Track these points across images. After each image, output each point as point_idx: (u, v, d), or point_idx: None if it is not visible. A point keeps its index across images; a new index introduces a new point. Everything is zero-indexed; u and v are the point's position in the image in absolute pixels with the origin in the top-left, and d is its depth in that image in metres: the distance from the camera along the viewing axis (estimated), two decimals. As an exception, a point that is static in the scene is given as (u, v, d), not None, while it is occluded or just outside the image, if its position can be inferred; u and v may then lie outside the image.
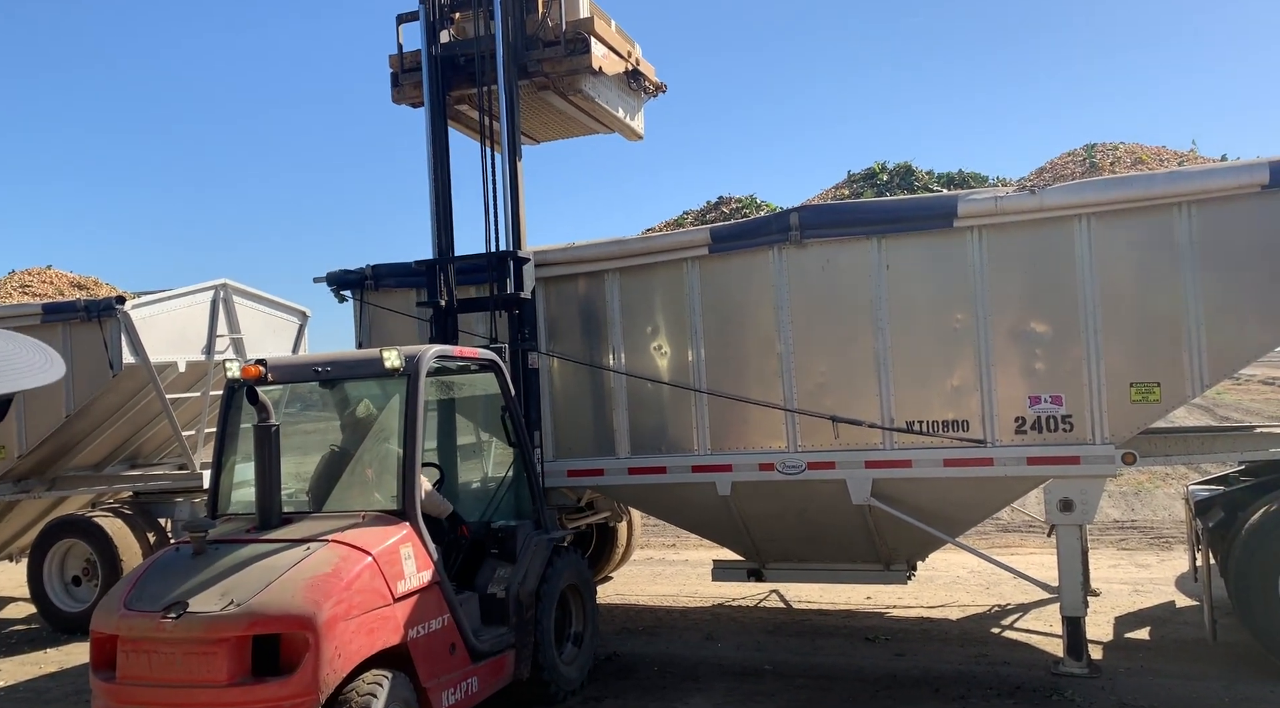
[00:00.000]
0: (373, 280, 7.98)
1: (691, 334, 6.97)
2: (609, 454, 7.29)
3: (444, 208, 7.43)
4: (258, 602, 4.35)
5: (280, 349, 10.05)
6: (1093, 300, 5.95)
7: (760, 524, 7.06)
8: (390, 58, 7.85)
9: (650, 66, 8.26)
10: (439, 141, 7.39)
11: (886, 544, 6.85)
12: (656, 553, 11.10)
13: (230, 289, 9.46)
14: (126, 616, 4.48)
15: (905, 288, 6.35)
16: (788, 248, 6.59)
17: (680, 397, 7.03)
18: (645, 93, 8.29)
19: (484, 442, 7.70)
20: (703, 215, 8.68)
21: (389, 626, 4.69)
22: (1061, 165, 7.15)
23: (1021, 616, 7.52)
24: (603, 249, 7.37)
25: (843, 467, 6.51)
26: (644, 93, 8.28)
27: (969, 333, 6.22)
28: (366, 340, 8.00)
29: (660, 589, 9.21)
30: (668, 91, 8.44)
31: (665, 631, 7.71)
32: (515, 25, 7.22)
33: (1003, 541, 10.34)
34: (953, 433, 6.28)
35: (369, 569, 4.67)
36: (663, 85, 8.40)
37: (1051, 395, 6.08)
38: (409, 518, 5.13)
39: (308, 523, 5.12)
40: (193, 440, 9.37)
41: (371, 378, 5.76)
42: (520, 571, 5.83)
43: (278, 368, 5.57)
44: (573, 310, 7.48)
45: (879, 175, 7.91)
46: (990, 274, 6.15)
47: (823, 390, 6.57)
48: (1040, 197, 5.98)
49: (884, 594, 8.27)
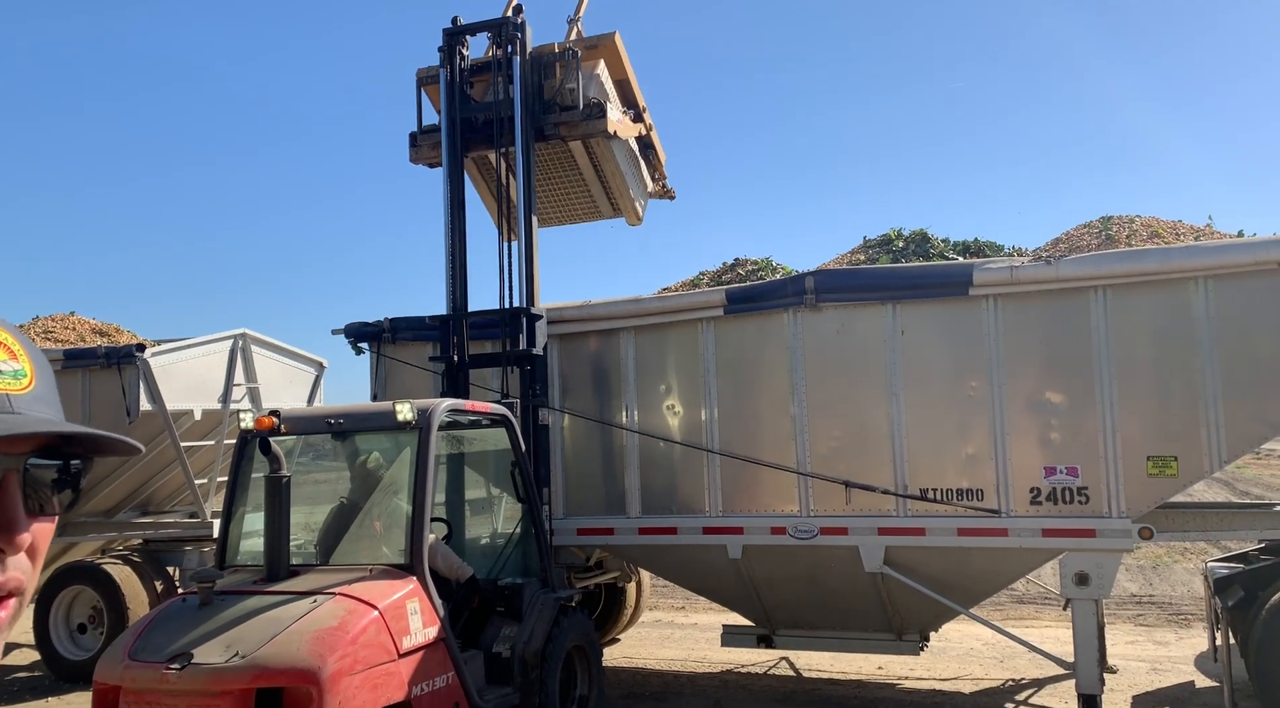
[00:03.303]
0: (389, 333, 8.05)
1: (705, 394, 6.98)
2: (619, 513, 7.25)
3: (459, 264, 7.52)
4: (263, 654, 4.31)
5: (296, 399, 10.10)
6: (1109, 372, 5.94)
7: (771, 589, 6.97)
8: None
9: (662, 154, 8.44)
10: (456, 200, 7.52)
11: (899, 613, 6.75)
12: (665, 615, 10.95)
13: (249, 339, 9.55)
14: (131, 666, 4.45)
15: (920, 354, 6.36)
16: (803, 311, 6.62)
17: (692, 457, 7.02)
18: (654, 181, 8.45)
19: (493, 497, 7.68)
20: (718, 276, 8.77)
21: (393, 682, 4.64)
22: (1077, 236, 7.20)
23: (1036, 691, 7.35)
24: (618, 308, 7.43)
25: (855, 533, 6.45)
26: (653, 180, 8.43)
27: (984, 401, 6.21)
28: (382, 392, 8.04)
29: (668, 653, 9.06)
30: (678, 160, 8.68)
31: (672, 697, 7.57)
32: (533, 89, 7.38)
33: (1017, 613, 10.15)
34: (967, 502, 6.22)
35: (375, 624, 4.64)
36: (672, 192, 8.62)
37: (1067, 467, 6.03)
38: (416, 573, 5.11)
39: (315, 575, 5.10)
40: (205, 489, 9.37)
41: (384, 431, 5.78)
42: (526, 630, 5.77)
43: (291, 419, 5.60)
44: (586, 368, 7.52)
45: (895, 241, 7.99)
46: (1005, 343, 6.16)
47: (836, 455, 6.54)
48: (1056, 267, 6.01)
49: (896, 664, 8.10)
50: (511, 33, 7.28)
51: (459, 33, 7.49)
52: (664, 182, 8.72)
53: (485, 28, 7.45)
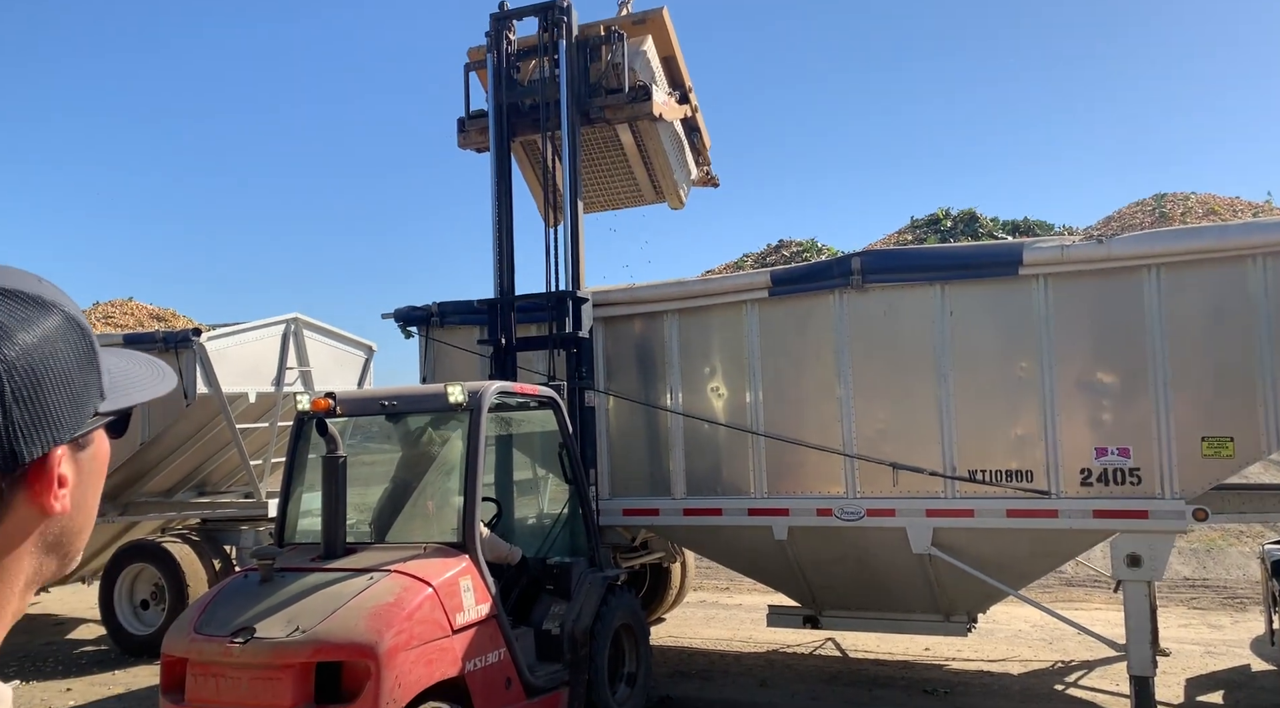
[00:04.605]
0: (438, 317, 8.16)
1: (750, 376, 6.99)
2: (664, 494, 7.31)
3: (506, 248, 7.60)
4: (322, 629, 4.44)
5: (347, 382, 10.29)
6: (1162, 352, 5.85)
7: (817, 570, 6.99)
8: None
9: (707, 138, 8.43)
10: (503, 185, 7.59)
11: (946, 595, 6.73)
12: (710, 596, 11.02)
13: (300, 323, 9.75)
14: (197, 640, 4.61)
15: (968, 335, 6.31)
16: (849, 292, 6.60)
17: (737, 438, 7.04)
18: (698, 166, 8.44)
19: (540, 478, 7.78)
20: (763, 258, 8.74)
21: (447, 657, 4.75)
22: (1130, 215, 7.07)
23: (1086, 673, 7.31)
24: (662, 290, 7.46)
25: (903, 514, 6.44)
26: (697, 165, 8.42)
27: (1033, 382, 6.15)
28: (430, 376, 8.17)
29: (714, 633, 9.13)
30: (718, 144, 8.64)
31: (719, 675, 7.64)
32: (579, 72, 7.41)
33: (1066, 595, 10.06)
34: (1016, 483, 6.18)
35: (429, 600, 4.75)
36: (716, 179, 8.61)
37: (1119, 447, 5.97)
38: (469, 551, 5.21)
39: (370, 553, 5.23)
40: (259, 470, 9.60)
41: (435, 412, 5.88)
42: (575, 608, 5.86)
43: (346, 401, 5.72)
44: (630, 350, 7.57)
45: (943, 221, 7.91)
46: (1056, 323, 6.09)
47: (882, 436, 6.53)
48: (1109, 246, 5.92)
49: (943, 646, 8.09)
50: (558, 16, 7.31)
51: (506, 17, 7.54)
52: (708, 168, 8.72)
53: (532, 11, 7.49)
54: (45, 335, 0.78)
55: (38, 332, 0.78)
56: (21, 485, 0.78)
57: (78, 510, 0.83)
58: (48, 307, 0.80)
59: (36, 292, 0.80)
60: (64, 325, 0.80)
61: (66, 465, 0.81)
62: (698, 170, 8.56)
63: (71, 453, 0.82)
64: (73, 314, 0.82)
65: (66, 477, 0.81)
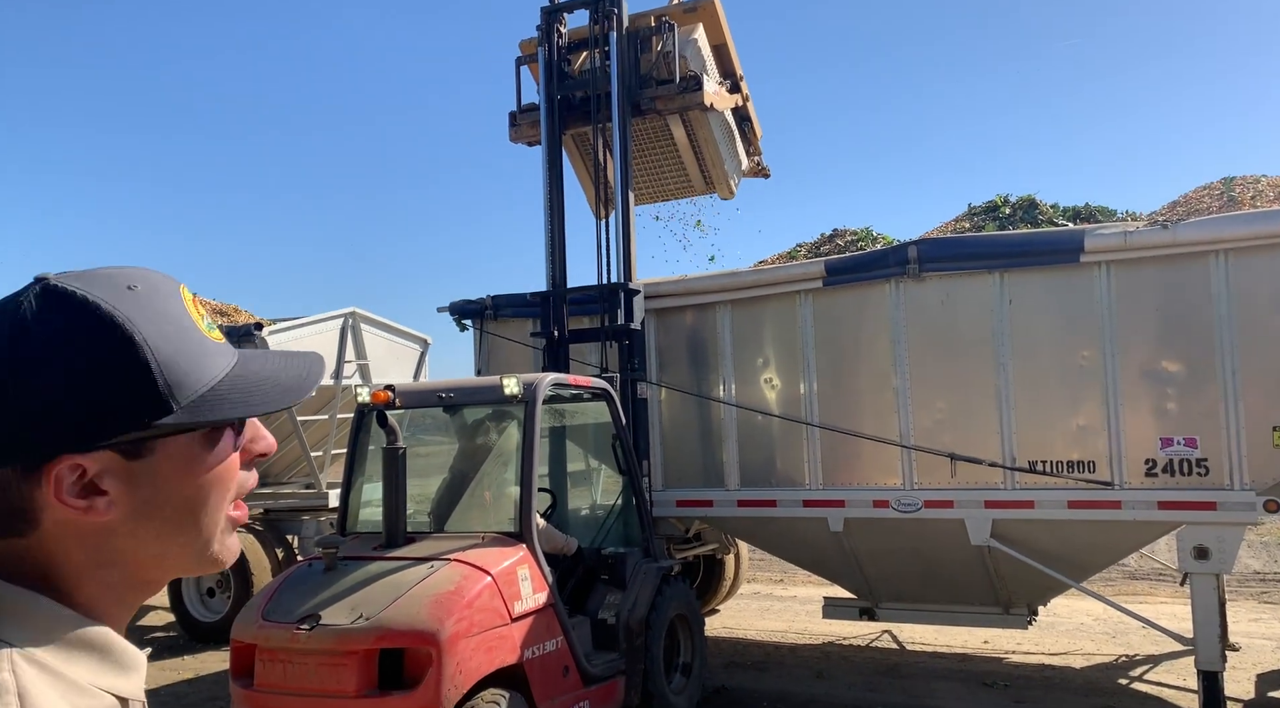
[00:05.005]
0: (492, 310, 8.24)
1: (804, 367, 6.96)
2: (718, 486, 7.31)
3: (558, 241, 7.64)
4: (385, 616, 4.53)
5: (402, 375, 10.44)
6: (1230, 340, 5.69)
7: (873, 562, 6.94)
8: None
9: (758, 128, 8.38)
10: (554, 178, 7.63)
11: (1006, 587, 6.64)
12: (764, 588, 11.00)
13: (358, 317, 9.91)
14: (264, 626, 4.73)
15: (1028, 323, 6.21)
16: (906, 281, 6.53)
17: (791, 430, 7.01)
18: (749, 156, 8.40)
19: (593, 469, 7.83)
20: (816, 248, 8.68)
21: (507, 645, 4.81)
22: (1196, 199, 6.89)
23: (1152, 667, 7.16)
24: (715, 281, 7.45)
25: (961, 506, 6.36)
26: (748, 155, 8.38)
27: (1096, 371, 6.03)
28: (485, 368, 8.26)
29: (768, 624, 9.12)
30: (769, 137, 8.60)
31: (774, 666, 7.63)
32: (630, 64, 7.41)
33: (1130, 588, 9.86)
34: (1078, 474, 6.07)
35: (489, 589, 4.81)
36: (766, 170, 8.57)
37: (1185, 437, 5.83)
38: (526, 540, 5.27)
39: (430, 542, 5.32)
40: (319, 461, 9.80)
41: (491, 404, 5.95)
42: (630, 598, 5.89)
43: (405, 393, 5.82)
44: (683, 342, 7.57)
45: (1001, 208, 7.77)
46: (1119, 311, 5.96)
47: (940, 427, 6.46)
48: (1174, 231, 5.78)
49: (1002, 639, 7.98)
50: (608, 8, 7.32)
51: (557, 10, 7.57)
52: (759, 158, 8.68)
53: (582, 4, 7.51)
54: (67, 340, 0.78)
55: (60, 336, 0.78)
56: (37, 483, 0.79)
57: (144, 520, 0.83)
58: (94, 314, 0.79)
59: (98, 298, 0.80)
60: (99, 335, 0.79)
61: (109, 476, 0.81)
62: (748, 161, 8.52)
63: (119, 462, 0.81)
64: (122, 324, 0.80)
65: (107, 486, 0.81)
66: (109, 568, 0.84)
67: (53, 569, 0.82)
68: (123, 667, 0.83)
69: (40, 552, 0.82)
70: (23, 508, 0.80)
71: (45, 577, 0.82)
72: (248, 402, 0.87)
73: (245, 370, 0.89)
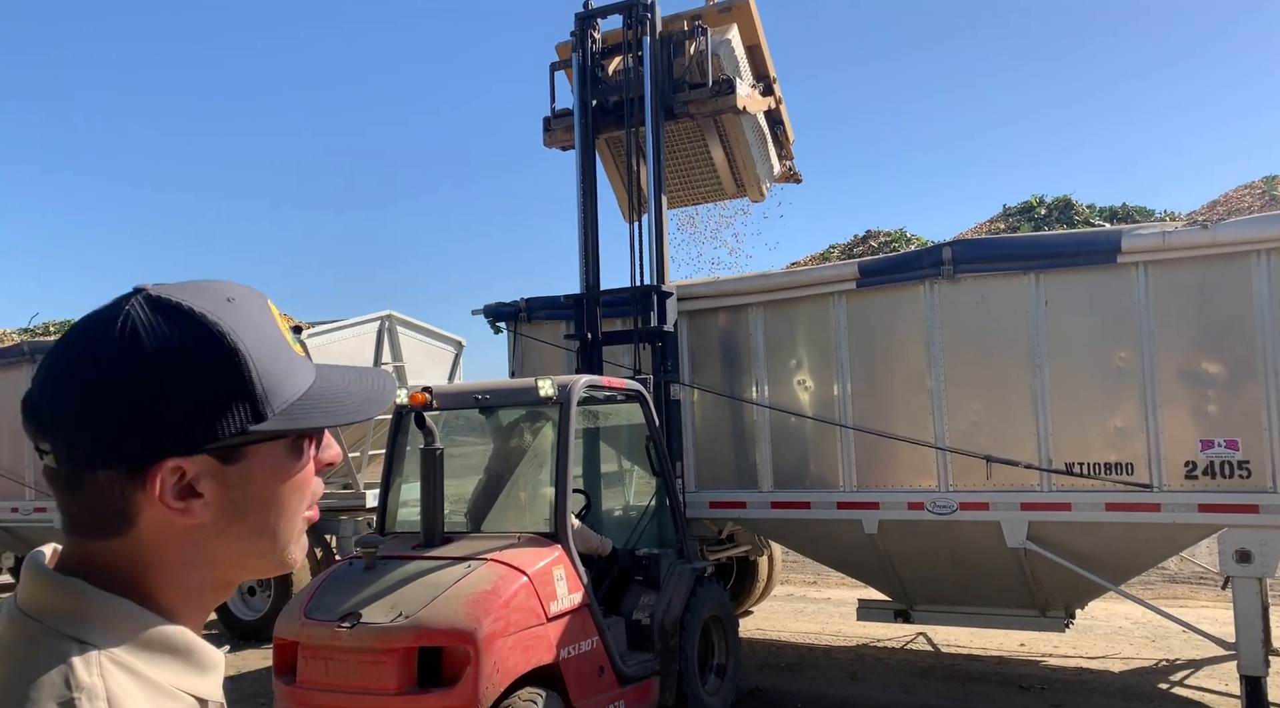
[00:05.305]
0: (525, 313, 8.31)
1: (837, 369, 6.95)
2: (751, 487, 7.32)
3: (592, 244, 7.70)
4: (424, 615, 4.60)
5: (438, 376, 10.56)
6: (1273, 340, 5.62)
7: (908, 564, 6.92)
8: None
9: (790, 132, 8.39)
10: (588, 182, 7.69)
11: (1043, 590, 6.60)
12: (797, 590, 10.98)
13: (394, 320, 10.04)
14: (306, 624, 4.82)
15: (1065, 325, 6.17)
16: (940, 283, 6.50)
17: (825, 432, 7.01)
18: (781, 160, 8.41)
19: (627, 470, 7.87)
20: (849, 249, 8.66)
21: (543, 644, 4.87)
22: (1237, 198, 6.80)
23: (1193, 672, 7.07)
24: (747, 283, 7.47)
25: (997, 508, 6.33)
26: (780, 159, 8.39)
27: (1133, 372, 5.98)
28: (519, 370, 8.33)
29: (802, 626, 9.11)
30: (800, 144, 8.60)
31: (808, 668, 7.63)
32: (663, 69, 7.46)
33: (1169, 592, 9.73)
34: (1116, 476, 6.02)
35: (525, 589, 4.87)
36: (798, 175, 8.59)
37: (1226, 439, 5.76)
38: (561, 540, 5.32)
39: (467, 542, 5.39)
40: (357, 461, 9.93)
41: (527, 406, 6.02)
42: (664, 598, 5.93)
43: (442, 395, 5.90)
44: (715, 343, 7.59)
45: (1036, 209, 7.72)
46: (1157, 312, 5.90)
47: (975, 429, 6.43)
48: (1213, 232, 5.71)
49: (1039, 642, 7.92)
50: (642, 13, 7.37)
51: (590, 16, 7.63)
52: (790, 163, 8.68)
53: (616, 10, 7.57)
54: (177, 349, 0.82)
55: (171, 345, 0.82)
56: (140, 486, 0.83)
57: (233, 522, 0.87)
58: (200, 323, 0.83)
59: (202, 309, 0.84)
60: (207, 344, 0.83)
61: (205, 479, 0.85)
62: (780, 165, 8.53)
63: (215, 466, 0.85)
64: (227, 333, 0.84)
65: (205, 489, 0.85)
66: (195, 568, 0.88)
67: (141, 570, 0.86)
68: (202, 668, 0.87)
69: (133, 552, 0.86)
70: (122, 509, 0.84)
71: (131, 579, 0.85)
72: (333, 411, 0.92)
73: (327, 383, 0.93)
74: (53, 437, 0.84)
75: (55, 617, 0.82)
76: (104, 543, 0.85)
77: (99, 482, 0.83)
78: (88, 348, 0.84)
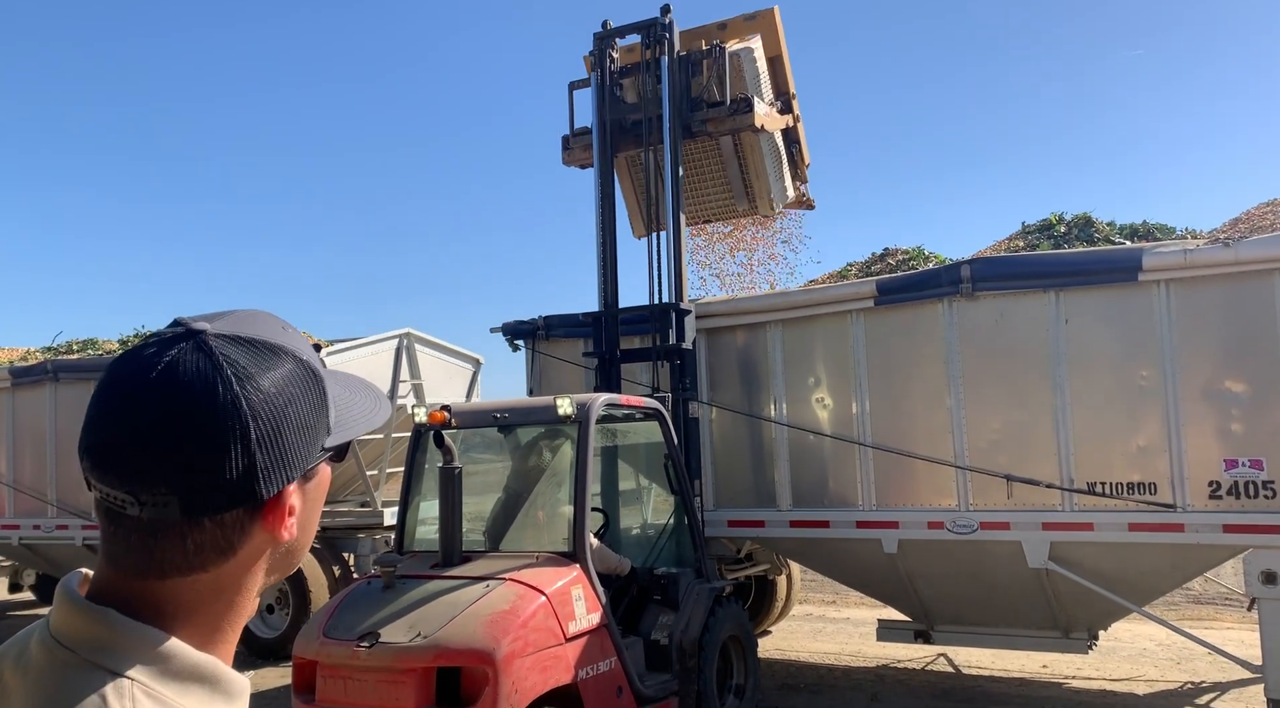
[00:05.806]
0: (544, 331, 8.33)
1: (855, 387, 6.93)
2: (770, 506, 7.29)
3: (610, 262, 7.72)
4: (442, 635, 4.60)
5: (456, 394, 10.59)
6: (1298, 358, 5.56)
7: (929, 584, 6.87)
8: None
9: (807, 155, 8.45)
10: (606, 200, 7.73)
11: (1065, 610, 6.53)
12: (816, 609, 10.91)
13: (412, 338, 10.09)
14: (325, 643, 4.83)
15: (1085, 343, 6.13)
16: (959, 301, 6.48)
17: (844, 450, 6.98)
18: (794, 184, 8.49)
19: (645, 488, 7.86)
20: (867, 267, 8.64)
21: (561, 665, 4.85)
22: (1259, 216, 6.76)
23: (1219, 695, 6.96)
24: (765, 301, 7.47)
25: (1018, 528, 6.28)
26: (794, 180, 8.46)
27: (1156, 391, 5.93)
28: (537, 388, 8.34)
29: (821, 647, 9.04)
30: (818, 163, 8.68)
31: (828, 689, 7.57)
32: (681, 88, 7.50)
33: (1194, 613, 9.61)
34: (1139, 496, 5.96)
35: (543, 609, 4.86)
36: (811, 201, 8.67)
37: (1250, 459, 5.70)
38: (579, 560, 5.31)
39: (485, 561, 5.39)
40: (375, 479, 9.96)
41: (545, 424, 6.03)
42: (683, 618, 5.90)
43: (461, 414, 5.92)
44: (733, 361, 7.59)
45: (1056, 226, 7.69)
46: (1179, 330, 5.86)
47: (996, 448, 6.38)
48: (1235, 249, 5.68)
49: (1062, 663, 7.83)
50: (660, 33, 7.42)
51: (609, 36, 7.69)
52: (804, 187, 8.71)
53: (634, 29, 7.62)
54: (284, 382, 0.86)
55: (278, 379, 0.85)
56: (258, 517, 0.86)
57: (302, 532, 0.92)
58: (285, 353, 0.87)
59: (278, 340, 0.88)
60: (299, 372, 0.88)
61: (295, 497, 0.89)
62: (794, 189, 8.55)
63: (300, 484, 0.89)
64: (308, 360, 0.89)
65: (295, 506, 0.89)
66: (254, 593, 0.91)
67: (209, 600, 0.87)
68: (230, 696, 0.88)
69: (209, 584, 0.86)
70: (232, 543, 0.86)
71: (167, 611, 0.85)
72: (359, 424, 0.96)
73: (338, 395, 0.95)
74: (154, 489, 0.81)
75: (88, 647, 0.82)
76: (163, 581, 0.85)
77: (221, 523, 0.84)
78: (187, 399, 0.81)
